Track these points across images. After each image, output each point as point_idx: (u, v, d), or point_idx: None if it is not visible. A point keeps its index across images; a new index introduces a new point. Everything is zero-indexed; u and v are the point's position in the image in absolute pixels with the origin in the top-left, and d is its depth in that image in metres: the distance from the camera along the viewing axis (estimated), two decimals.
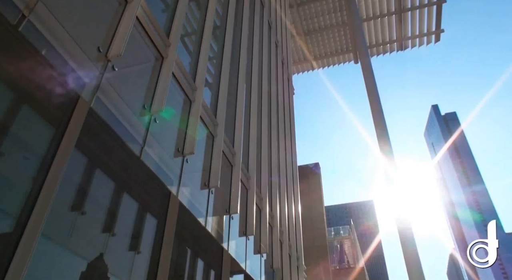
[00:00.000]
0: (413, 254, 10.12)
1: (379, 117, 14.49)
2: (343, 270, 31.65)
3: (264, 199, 8.53)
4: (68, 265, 4.55)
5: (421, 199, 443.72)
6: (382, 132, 13.48)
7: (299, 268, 10.09)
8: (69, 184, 4.66)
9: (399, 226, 10.71)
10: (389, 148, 12.72)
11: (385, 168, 11.97)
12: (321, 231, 24.96)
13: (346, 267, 33.58)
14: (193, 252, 7.56)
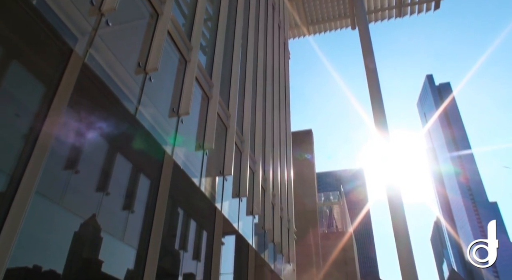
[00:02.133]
0: (401, 221, 10.39)
1: (375, 85, 14.40)
2: (331, 234, 32.55)
3: (257, 163, 8.61)
4: (63, 223, 4.60)
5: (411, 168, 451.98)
6: (377, 101, 13.45)
7: (289, 230, 10.35)
8: (63, 143, 4.64)
9: (388, 194, 10.93)
10: (383, 117, 12.74)
11: (378, 138, 12.05)
12: (312, 196, 25.44)
13: (335, 231, 34.52)
14: (186, 212, 7.68)
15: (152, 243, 5.74)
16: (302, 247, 20.65)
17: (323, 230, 32.15)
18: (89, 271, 5.00)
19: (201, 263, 7.62)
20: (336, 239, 31.65)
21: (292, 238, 10.70)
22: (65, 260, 4.57)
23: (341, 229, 35.11)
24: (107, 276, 5.23)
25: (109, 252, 5.36)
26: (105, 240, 5.27)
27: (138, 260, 5.61)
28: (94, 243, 5.15)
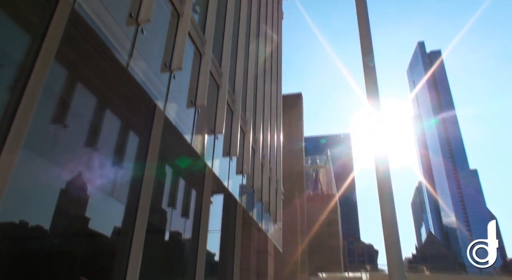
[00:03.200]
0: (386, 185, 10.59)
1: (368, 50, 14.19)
2: (316, 197, 33.34)
3: (248, 123, 8.59)
4: (51, 177, 4.57)
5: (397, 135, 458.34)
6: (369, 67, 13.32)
7: (277, 191, 10.54)
8: (50, 96, 4.52)
9: (375, 158, 11.06)
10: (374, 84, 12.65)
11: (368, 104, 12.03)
12: (299, 159, 25.76)
13: (320, 194, 35.33)
14: (177, 168, 7.70)
15: (142, 199, 5.77)
16: (288, 208, 21.13)
17: (308, 193, 32.86)
18: (78, 226, 5.04)
19: (189, 220, 7.75)
20: (321, 201, 32.46)
21: (280, 198, 10.92)
22: (53, 215, 4.58)
23: (326, 192, 35.94)
24: (97, 231, 5.29)
25: (98, 207, 5.39)
26: (94, 194, 5.27)
27: (127, 216, 5.66)
28: (82, 198, 5.16)
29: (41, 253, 4.40)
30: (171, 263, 7.73)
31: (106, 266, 5.43)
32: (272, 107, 11.67)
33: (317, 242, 29.09)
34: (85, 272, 4.93)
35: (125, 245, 5.40)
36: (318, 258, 28.04)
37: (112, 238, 5.64)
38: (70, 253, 4.88)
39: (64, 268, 4.65)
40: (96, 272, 5.29)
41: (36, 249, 4.38)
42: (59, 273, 4.52)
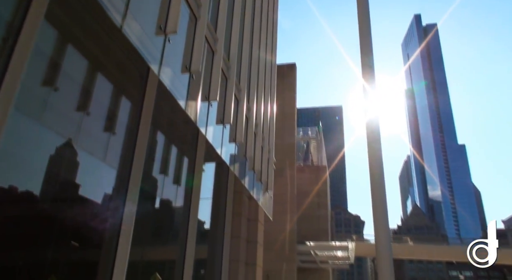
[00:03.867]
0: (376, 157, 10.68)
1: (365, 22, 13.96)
2: (307, 168, 33.68)
3: (242, 91, 8.51)
4: (42, 140, 4.51)
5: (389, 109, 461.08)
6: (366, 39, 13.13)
7: (269, 160, 10.60)
8: (40, 58, 4.40)
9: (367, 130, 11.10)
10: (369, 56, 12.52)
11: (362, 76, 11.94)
12: (291, 129, 25.83)
13: (310, 165, 35.68)
14: (169, 135, 7.66)
15: (135, 165, 5.75)
16: (279, 178, 21.33)
17: (299, 164, 33.16)
18: (69, 191, 5.02)
19: (181, 187, 7.79)
20: (311, 172, 32.83)
21: (272, 168, 11.00)
22: (43, 180, 4.55)
23: (316, 163, 36.29)
24: (89, 196, 5.29)
25: (90, 172, 5.36)
26: (86, 159, 5.23)
27: (120, 181, 5.66)
28: (74, 163, 5.12)
29: (31, 218, 4.40)
30: (163, 229, 7.82)
31: (98, 232, 5.47)
32: (266, 77, 11.54)
33: (306, 212, 29.63)
34: (76, 237, 4.96)
35: (118, 211, 5.43)
36: (306, 228, 28.64)
37: (104, 204, 5.66)
38: (61, 218, 4.89)
39: (54, 233, 4.67)
40: (87, 238, 5.33)
41: (26, 214, 4.37)
42: (49, 238, 4.54)
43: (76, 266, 5.01)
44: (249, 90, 9.29)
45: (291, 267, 22.75)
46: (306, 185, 31.11)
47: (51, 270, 4.47)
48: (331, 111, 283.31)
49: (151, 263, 7.10)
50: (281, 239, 22.91)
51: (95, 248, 5.36)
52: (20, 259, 4.04)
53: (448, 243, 76.40)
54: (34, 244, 4.32)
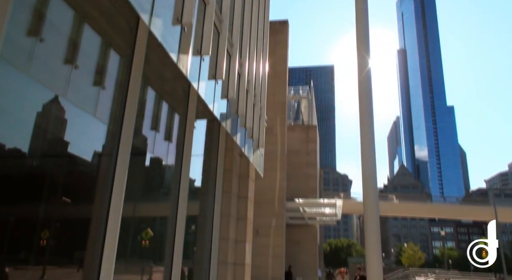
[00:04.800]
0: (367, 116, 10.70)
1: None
2: (297, 126, 33.81)
3: (234, 46, 8.32)
4: (28, 92, 4.40)
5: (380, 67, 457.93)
6: None
7: (261, 118, 10.58)
8: (24, 7, 4.20)
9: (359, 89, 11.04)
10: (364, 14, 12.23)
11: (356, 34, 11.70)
12: (282, 87, 25.64)
13: (300, 124, 35.80)
14: (160, 91, 7.55)
15: (126, 120, 5.68)
16: (269, 137, 21.42)
17: (289, 122, 33.24)
18: (59, 146, 4.97)
19: (173, 144, 7.78)
20: (301, 131, 33.00)
21: (263, 125, 11.00)
22: (31, 135, 4.48)
23: (307, 122, 36.38)
24: (79, 152, 5.24)
25: (81, 127, 5.30)
26: (75, 113, 5.14)
27: (111, 137, 5.61)
28: (63, 117, 5.04)
29: (20, 175, 4.37)
30: (155, 186, 7.89)
31: (90, 188, 5.49)
32: (259, 32, 11.25)
33: (295, 171, 30.08)
34: (68, 194, 4.97)
35: (109, 167, 5.42)
36: (295, 186, 29.19)
37: (95, 160, 5.64)
38: (52, 175, 4.88)
39: (45, 190, 4.66)
40: (79, 195, 5.35)
41: (15, 171, 4.34)
42: (40, 194, 4.54)
43: (68, 222, 5.07)
44: (241, 46, 9.08)
45: (280, 223, 23.42)
46: (296, 144, 31.38)
47: (44, 225, 4.51)
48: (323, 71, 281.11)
49: (143, 219, 7.22)
50: (270, 196, 23.40)
51: (87, 204, 5.40)
52: (11, 215, 4.06)
53: (431, 201, 79.00)
54: (25, 201, 4.33)
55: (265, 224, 22.50)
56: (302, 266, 28.13)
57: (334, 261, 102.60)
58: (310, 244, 30.82)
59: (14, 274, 4.02)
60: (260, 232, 21.98)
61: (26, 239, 4.30)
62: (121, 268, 5.51)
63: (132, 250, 6.48)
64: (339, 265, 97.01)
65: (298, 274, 24.27)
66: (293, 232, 29.12)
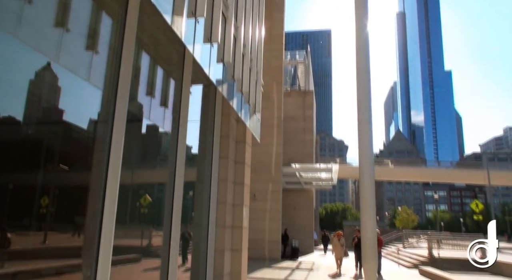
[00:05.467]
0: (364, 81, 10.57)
1: None
2: (293, 92, 33.58)
3: (230, 9, 8.07)
4: (21, 56, 4.29)
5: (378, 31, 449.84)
6: None
7: (257, 82, 10.46)
8: None
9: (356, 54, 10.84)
10: None
11: None
12: (279, 52, 25.25)
13: (297, 89, 35.54)
14: (154, 56, 7.40)
15: (120, 85, 5.60)
16: (266, 102, 21.33)
17: (286, 88, 32.98)
18: (54, 113, 4.91)
19: (169, 110, 7.72)
20: (297, 97, 32.82)
21: (260, 90, 10.89)
22: (25, 102, 4.41)
23: (303, 88, 36.10)
24: (75, 118, 5.19)
25: (74, 92, 5.22)
26: (69, 78, 5.05)
27: (106, 103, 5.55)
28: (57, 83, 4.95)
29: (16, 142, 4.34)
30: (152, 152, 7.90)
31: (87, 156, 5.48)
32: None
33: (292, 136, 30.18)
34: (65, 162, 4.96)
35: (106, 134, 5.39)
36: (292, 151, 29.38)
37: (91, 127, 5.60)
38: (48, 142, 4.84)
39: (42, 157, 4.64)
40: (76, 162, 5.35)
41: (10, 138, 4.30)
42: (37, 163, 4.52)
43: (67, 189, 5.09)
44: (237, 9, 8.82)
45: (277, 188, 23.76)
46: (292, 110, 31.30)
47: (43, 192, 4.54)
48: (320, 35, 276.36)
49: (141, 185, 7.28)
50: (267, 162, 23.59)
51: (85, 171, 5.40)
52: (10, 182, 4.06)
53: (426, 165, 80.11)
54: (23, 168, 4.32)
55: (262, 189, 22.83)
56: (298, 230, 28.83)
57: (329, 225, 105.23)
58: (306, 208, 31.44)
59: (16, 240, 4.08)
60: (257, 197, 22.35)
61: (26, 206, 4.33)
62: (121, 233, 5.60)
63: (131, 216, 6.58)
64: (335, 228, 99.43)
65: (294, 237, 24.90)
66: (290, 197, 29.62)
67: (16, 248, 4.11)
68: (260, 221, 22.04)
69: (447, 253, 22.48)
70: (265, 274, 15.01)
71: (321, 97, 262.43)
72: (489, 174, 35.87)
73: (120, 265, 5.95)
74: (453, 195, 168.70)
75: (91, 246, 5.01)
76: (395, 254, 25.42)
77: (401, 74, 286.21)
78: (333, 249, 17.21)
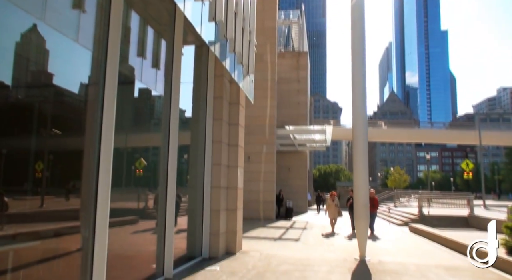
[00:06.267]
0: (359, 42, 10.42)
1: None
2: (287, 53, 33.04)
3: None
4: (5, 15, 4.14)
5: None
6: None
7: (250, 42, 10.23)
8: None
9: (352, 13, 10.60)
10: None
11: None
12: (272, 12, 24.58)
13: (291, 50, 34.94)
14: (144, 15, 7.19)
15: (110, 46, 5.46)
16: (259, 64, 21.01)
17: (280, 49, 32.40)
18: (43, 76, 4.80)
19: (161, 71, 7.59)
20: (291, 58, 32.33)
21: (253, 50, 10.68)
22: (13, 65, 4.29)
23: (297, 49, 35.50)
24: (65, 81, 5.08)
25: (63, 53, 5.08)
26: (57, 38, 4.90)
27: (96, 64, 5.42)
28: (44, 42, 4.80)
29: (6, 107, 4.25)
30: (145, 115, 7.83)
31: (80, 120, 5.42)
32: None
33: (286, 98, 30.02)
34: (58, 126, 4.90)
35: (98, 97, 5.31)
36: (286, 113, 29.33)
37: (82, 90, 5.50)
38: (39, 107, 4.76)
39: (34, 122, 4.58)
40: (69, 126, 5.30)
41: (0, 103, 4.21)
42: (29, 128, 4.46)
43: (61, 153, 5.06)
44: None
45: (271, 150, 23.91)
46: (286, 71, 30.93)
47: (37, 157, 4.52)
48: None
49: (136, 149, 7.27)
50: (261, 124, 23.58)
51: (79, 136, 5.37)
52: (3, 147, 4.03)
53: (419, 126, 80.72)
54: (15, 134, 4.27)
55: (256, 151, 22.97)
56: (293, 191, 29.34)
57: (323, 186, 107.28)
58: (300, 169, 31.85)
59: (14, 204, 4.11)
60: (252, 159, 22.52)
61: (21, 171, 4.33)
62: (117, 196, 5.66)
63: (127, 179, 6.62)
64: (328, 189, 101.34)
65: (288, 198, 25.37)
66: (284, 159, 29.90)
67: (14, 212, 4.15)
68: (254, 183, 22.35)
69: (437, 211, 23.15)
70: (260, 233, 15.41)
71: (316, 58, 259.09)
72: (481, 135, 36.26)
73: (118, 227, 6.06)
74: (444, 155, 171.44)
75: (88, 209, 5.07)
76: (387, 213, 26.11)
77: (396, 34, 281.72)
78: (327, 209, 17.32)
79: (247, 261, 9.08)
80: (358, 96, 10.16)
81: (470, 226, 20.33)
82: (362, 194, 9.81)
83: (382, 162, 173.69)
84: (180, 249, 8.60)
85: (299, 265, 8.69)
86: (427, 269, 8.62)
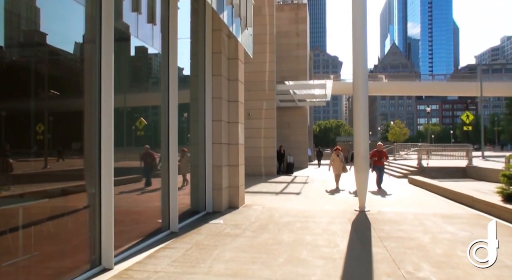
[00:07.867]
0: None
1: None
2: (286, 6, 32.02)
3: None
4: None
5: None
6: None
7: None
8: None
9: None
10: None
11: None
12: None
13: (290, 3, 33.84)
14: None
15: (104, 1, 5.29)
16: (257, 18, 20.44)
17: (278, 1, 31.38)
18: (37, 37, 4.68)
19: (157, 27, 7.39)
20: (290, 10, 31.38)
21: (251, 2, 10.35)
22: (3, 27, 4.17)
23: (296, 0, 34.36)
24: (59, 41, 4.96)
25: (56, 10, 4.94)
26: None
27: (91, 21, 5.28)
28: None
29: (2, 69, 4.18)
30: (143, 74, 7.73)
31: (78, 80, 5.35)
32: None
33: (285, 53, 29.48)
34: (55, 87, 4.84)
35: (94, 55, 5.21)
36: (285, 68, 28.92)
37: (78, 48, 5.39)
38: (35, 67, 4.68)
39: (31, 83, 4.51)
40: (67, 87, 5.24)
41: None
42: (27, 89, 4.40)
43: (61, 114, 5.04)
44: None
45: (271, 106, 23.82)
46: (285, 25, 30.14)
47: (37, 119, 4.50)
48: None
49: (136, 109, 7.25)
50: (261, 79, 23.33)
51: (78, 97, 5.32)
52: (2, 110, 4.00)
53: (420, 79, 79.94)
54: (12, 96, 4.22)
55: (256, 107, 22.91)
56: (293, 146, 29.58)
57: (323, 141, 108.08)
58: (300, 125, 31.90)
59: (18, 165, 4.15)
60: (252, 115, 22.51)
61: (21, 133, 4.34)
62: (120, 156, 5.72)
63: (128, 138, 6.64)
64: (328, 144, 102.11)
65: (289, 154, 25.62)
66: (284, 114, 29.87)
67: (19, 173, 4.21)
68: (255, 139, 22.49)
69: (436, 163, 23.47)
70: (262, 188, 15.72)
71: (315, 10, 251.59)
72: (482, 86, 35.95)
73: (123, 185, 6.19)
74: (445, 108, 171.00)
75: (93, 168, 5.14)
76: (386, 165, 26.48)
77: None
78: (332, 164, 16.34)
79: (250, 214, 9.34)
80: (359, 50, 9.97)
81: (468, 176, 20.71)
82: (362, 148, 9.91)
83: (382, 116, 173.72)
84: (185, 204, 8.82)
85: (301, 217, 8.95)
86: (424, 217, 8.88)
